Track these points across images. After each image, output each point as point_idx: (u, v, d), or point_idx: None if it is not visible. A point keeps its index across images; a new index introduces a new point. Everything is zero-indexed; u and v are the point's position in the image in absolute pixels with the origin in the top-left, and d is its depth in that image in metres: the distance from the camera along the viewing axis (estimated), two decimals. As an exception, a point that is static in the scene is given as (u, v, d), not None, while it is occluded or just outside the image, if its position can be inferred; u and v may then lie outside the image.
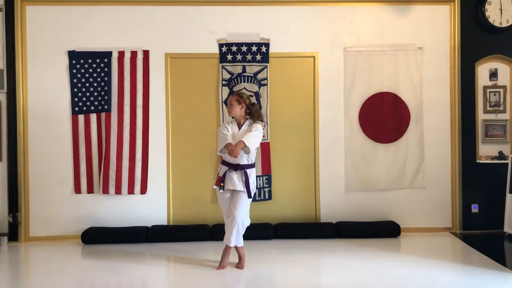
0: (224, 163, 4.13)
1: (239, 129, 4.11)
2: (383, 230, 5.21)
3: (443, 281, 3.78)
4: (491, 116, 5.48)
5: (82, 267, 4.37)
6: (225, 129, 4.10)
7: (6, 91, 5.20)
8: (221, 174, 4.11)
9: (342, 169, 5.44)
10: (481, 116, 5.48)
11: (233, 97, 4.16)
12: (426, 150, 5.44)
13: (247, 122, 4.15)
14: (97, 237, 5.09)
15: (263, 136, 4.34)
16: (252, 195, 4.10)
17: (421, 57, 5.43)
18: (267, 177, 5.37)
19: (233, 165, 4.08)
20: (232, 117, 4.22)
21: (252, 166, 4.12)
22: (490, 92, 5.46)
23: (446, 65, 5.45)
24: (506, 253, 4.80)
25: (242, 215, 4.06)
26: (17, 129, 5.20)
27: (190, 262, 4.37)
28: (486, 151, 5.47)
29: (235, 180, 4.05)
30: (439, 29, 5.44)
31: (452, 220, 5.46)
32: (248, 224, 4.15)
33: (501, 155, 5.38)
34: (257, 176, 5.33)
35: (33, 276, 4.20)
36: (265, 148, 5.34)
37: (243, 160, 4.07)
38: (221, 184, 4.07)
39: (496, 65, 5.47)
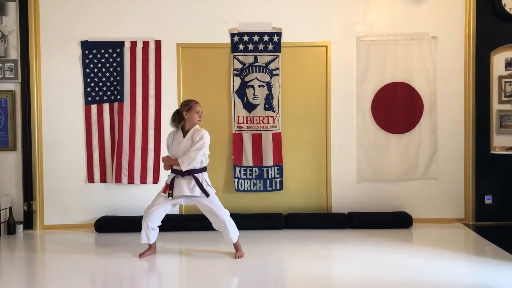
0: (173, 170, 4.13)
1: (184, 137, 4.10)
2: (395, 221, 5.19)
3: (455, 272, 3.77)
4: (506, 107, 5.40)
5: (95, 255, 4.43)
6: (167, 141, 4.21)
7: (20, 81, 5.25)
8: (168, 182, 4.11)
9: (354, 159, 5.41)
10: (496, 106, 5.41)
11: (199, 105, 4.19)
12: (440, 140, 5.39)
13: (192, 129, 4.13)
14: (110, 225, 5.16)
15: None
16: (211, 193, 4.11)
17: (435, 46, 5.36)
18: (278, 167, 5.37)
19: (178, 171, 4.08)
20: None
21: (203, 170, 4.12)
22: (505, 82, 5.38)
23: (461, 54, 5.37)
24: (519, 244, 4.77)
25: (223, 213, 4.11)
26: (31, 119, 5.26)
27: (202, 250, 4.40)
28: (500, 142, 5.40)
29: (184, 186, 4.04)
30: (454, 17, 5.35)
31: (465, 211, 5.42)
32: (228, 213, 4.17)
33: (516, 146, 5.32)
34: (268, 166, 5.35)
35: (48, 264, 4.27)
36: (276, 138, 5.34)
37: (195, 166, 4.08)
38: (170, 191, 4.07)
39: (512, 55, 5.39)
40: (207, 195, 4.06)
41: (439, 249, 4.36)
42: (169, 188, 4.08)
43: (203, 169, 4.13)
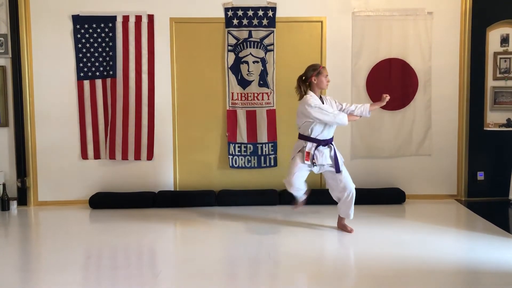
0: (310, 139, 4.02)
1: (322, 102, 4.01)
2: (388, 197, 5.23)
3: (447, 247, 3.82)
4: (501, 83, 5.40)
5: (90, 231, 4.45)
6: (321, 103, 3.99)
7: (10, 56, 5.17)
8: (309, 150, 4.00)
9: (348, 135, 5.41)
10: (490, 83, 5.40)
11: (326, 69, 4.06)
12: (434, 117, 5.39)
13: (327, 96, 4.15)
14: (104, 202, 5.16)
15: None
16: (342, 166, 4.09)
17: (430, 22, 5.31)
18: (272, 144, 5.37)
19: (322, 140, 4.02)
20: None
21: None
22: (500, 58, 5.36)
23: (456, 30, 5.33)
24: (510, 219, 4.83)
25: (352, 185, 4.08)
26: (23, 94, 5.20)
27: (197, 226, 4.43)
28: (494, 118, 5.42)
29: (327, 155, 4.02)
30: (450, -7, 5.31)
31: (457, 187, 5.47)
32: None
33: (509, 123, 5.33)
34: (263, 143, 5.35)
35: (42, 240, 4.29)
36: (271, 115, 5.32)
37: (332, 134, 4.09)
38: (313, 160, 3.99)
39: (508, 31, 5.35)
40: (338, 170, 4.06)
41: (431, 224, 4.41)
42: (312, 157, 3.98)
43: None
